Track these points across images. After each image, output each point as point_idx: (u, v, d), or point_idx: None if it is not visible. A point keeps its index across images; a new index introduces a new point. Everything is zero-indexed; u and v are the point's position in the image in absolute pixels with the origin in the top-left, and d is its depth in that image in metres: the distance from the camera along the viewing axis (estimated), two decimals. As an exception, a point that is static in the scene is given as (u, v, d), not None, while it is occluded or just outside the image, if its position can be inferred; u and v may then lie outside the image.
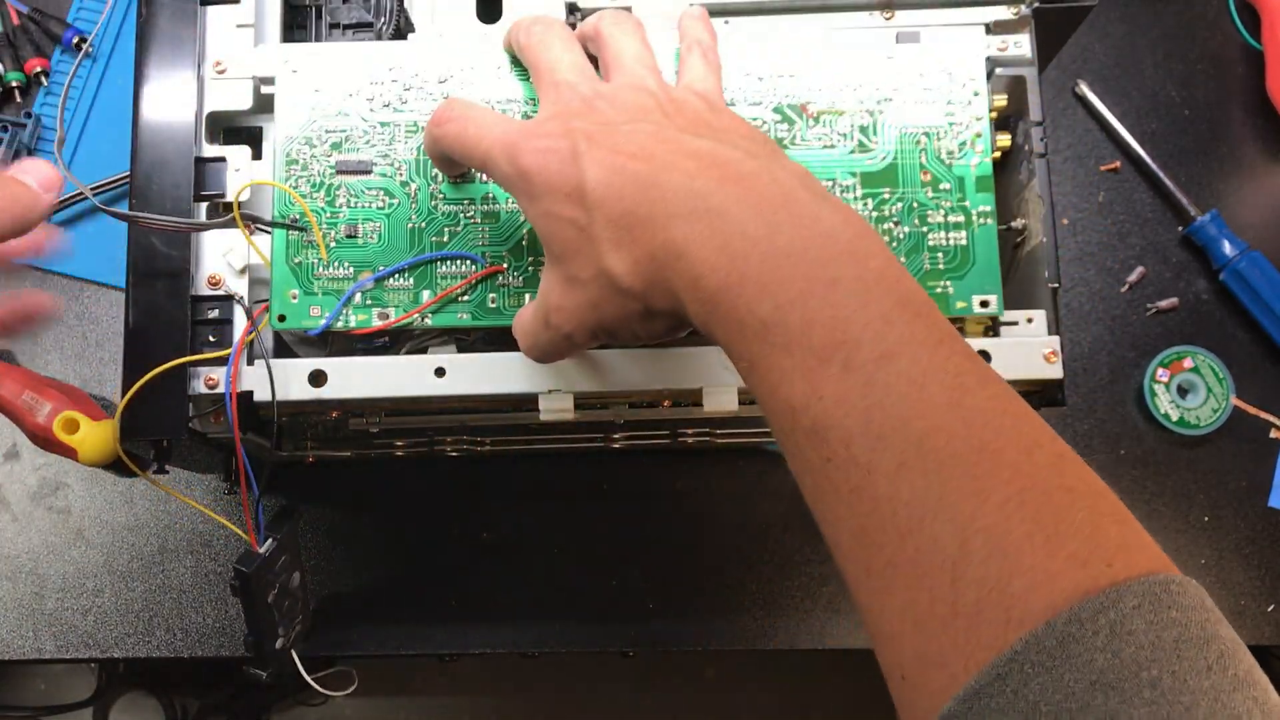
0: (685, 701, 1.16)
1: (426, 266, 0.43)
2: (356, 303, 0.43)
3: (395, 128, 0.44)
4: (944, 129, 0.44)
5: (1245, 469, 0.60)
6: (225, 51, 0.45)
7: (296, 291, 0.43)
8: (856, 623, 0.59)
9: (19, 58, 0.64)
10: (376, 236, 0.43)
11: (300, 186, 0.44)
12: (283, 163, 0.44)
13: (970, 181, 0.44)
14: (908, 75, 0.45)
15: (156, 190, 0.44)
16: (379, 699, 1.17)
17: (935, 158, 0.44)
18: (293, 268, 0.43)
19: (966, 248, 0.44)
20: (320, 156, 0.44)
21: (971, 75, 0.45)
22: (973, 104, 0.44)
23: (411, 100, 0.44)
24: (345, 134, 0.44)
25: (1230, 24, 0.66)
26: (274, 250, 0.43)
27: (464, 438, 0.56)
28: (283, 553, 0.48)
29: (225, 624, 0.58)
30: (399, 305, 0.43)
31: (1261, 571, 0.59)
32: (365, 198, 0.44)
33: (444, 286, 0.43)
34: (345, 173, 0.44)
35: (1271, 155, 0.64)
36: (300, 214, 0.43)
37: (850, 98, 0.44)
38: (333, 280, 0.43)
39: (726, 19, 0.47)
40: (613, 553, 0.59)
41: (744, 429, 0.57)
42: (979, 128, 0.44)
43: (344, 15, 0.49)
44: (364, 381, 0.43)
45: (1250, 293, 0.61)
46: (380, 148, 0.44)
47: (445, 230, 0.43)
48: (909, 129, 0.44)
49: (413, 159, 0.44)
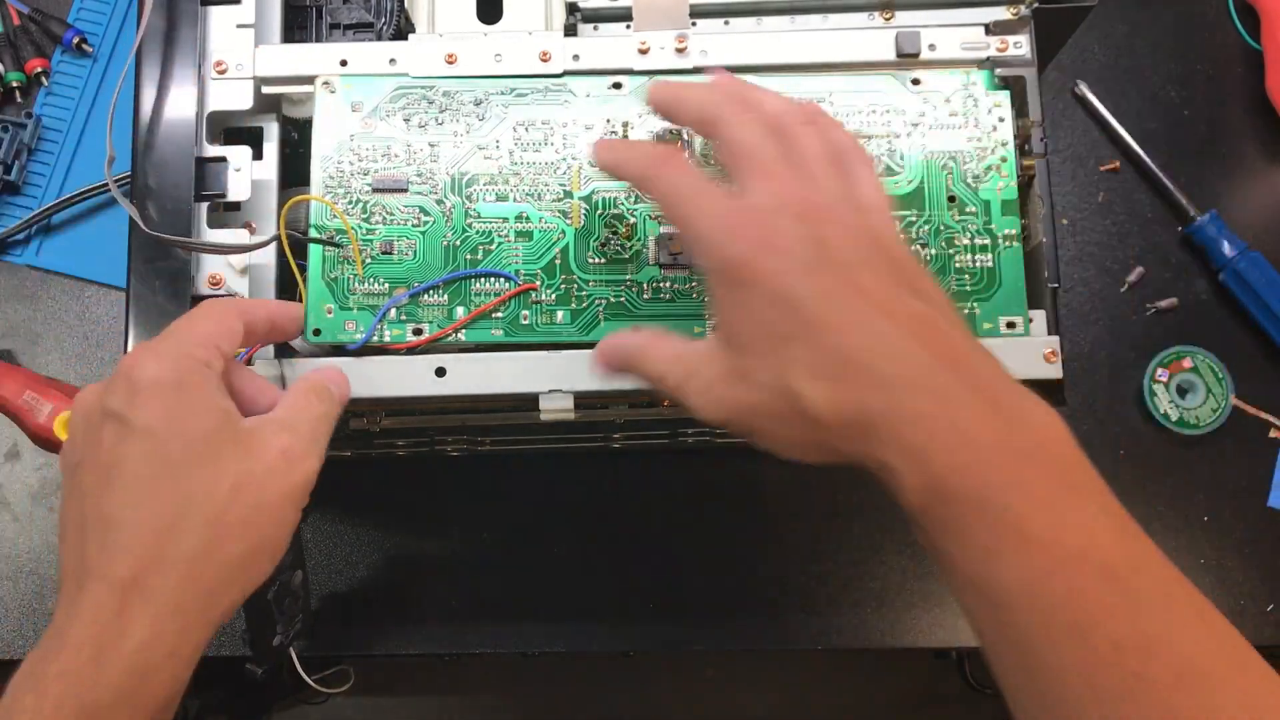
0: (685, 701, 1.16)
1: (461, 283, 0.44)
2: (391, 318, 0.43)
3: (431, 146, 0.45)
4: (969, 154, 0.45)
5: (1245, 469, 0.61)
6: (226, 51, 0.45)
7: (332, 306, 0.43)
8: (856, 623, 0.59)
9: (19, 58, 0.64)
10: (411, 253, 0.44)
11: (339, 203, 0.44)
12: (321, 179, 0.44)
13: (996, 205, 0.44)
14: (933, 100, 0.45)
15: (157, 190, 0.44)
16: (379, 699, 1.17)
17: (961, 181, 0.45)
18: (328, 282, 0.44)
19: (993, 270, 0.44)
20: (357, 174, 0.44)
21: (996, 101, 0.45)
22: (998, 130, 0.45)
23: (448, 121, 0.45)
24: (382, 151, 0.44)
25: (1230, 24, 0.66)
26: (310, 265, 0.44)
27: (464, 438, 0.56)
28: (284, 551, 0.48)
29: (225, 624, 0.58)
30: (433, 321, 0.43)
31: (1261, 571, 0.59)
32: (400, 215, 0.44)
33: (478, 303, 0.43)
34: (381, 190, 0.44)
35: (1271, 155, 0.64)
36: (339, 229, 0.44)
37: (876, 122, 0.45)
38: (367, 296, 0.43)
39: (726, 19, 0.47)
40: (613, 553, 0.59)
41: (744, 429, 0.57)
42: (1004, 152, 0.45)
43: (344, 15, 0.49)
44: (364, 381, 0.43)
45: (1250, 293, 0.61)
46: (416, 166, 0.44)
47: (479, 248, 0.44)
48: (934, 154, 0.45)
49: (448, 177, 0.44)
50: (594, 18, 0.48)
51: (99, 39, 0.65)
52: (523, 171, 0.45)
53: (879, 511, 0.60)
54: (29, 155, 0.63)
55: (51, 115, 0.64)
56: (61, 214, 0.62)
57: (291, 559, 0.50)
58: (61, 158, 0.63)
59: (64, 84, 0.64)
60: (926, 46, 0.46)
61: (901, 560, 0.59)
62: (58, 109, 0.64)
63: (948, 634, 0.59)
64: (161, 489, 0.34)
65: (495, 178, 0.45)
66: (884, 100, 0.45)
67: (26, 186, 0.63)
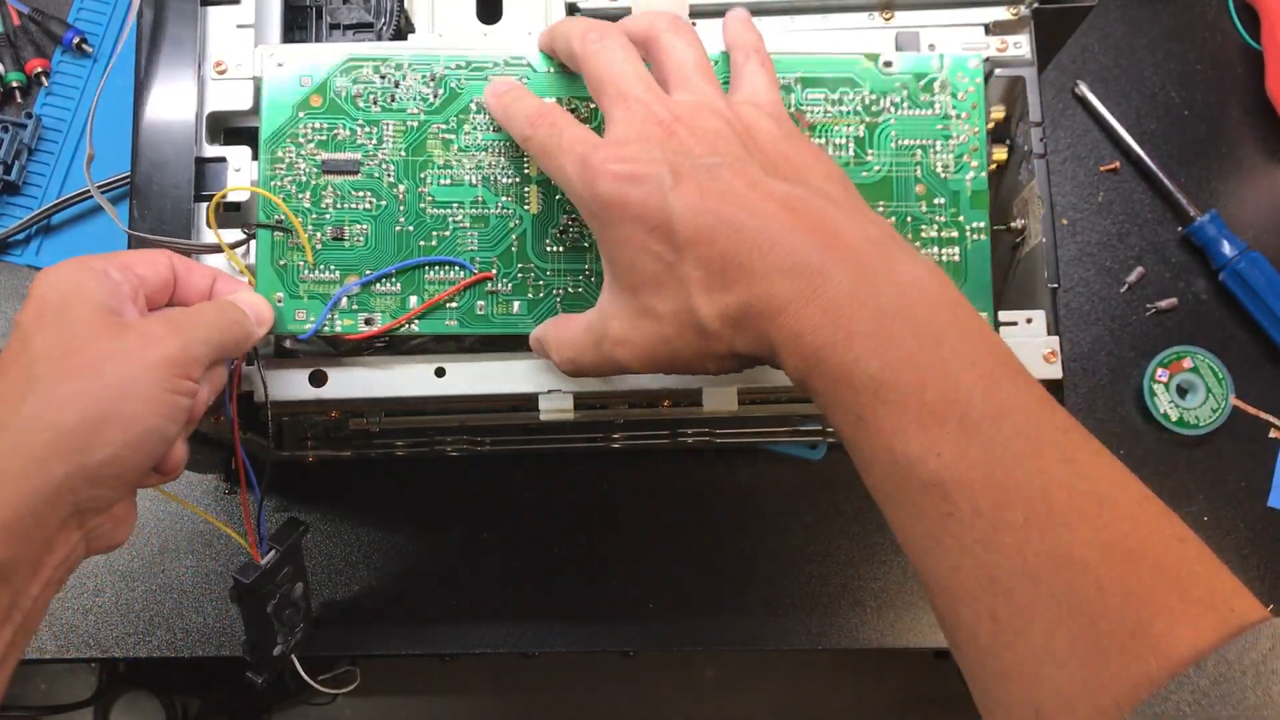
0: (685, 701, 1.16)
1: (414, 271, 0.43)
2: (343, 307, 0.43)
3: (383, 126, 0.43)
4: (940, 142, 0.44)
5: (1245, 469, 0.60)
6: (225, 51, 0.45)
7: (282, 295, 0.42)
8: (856, 623, 0.59)
9: (19, 58, 0.64)
10: (363, 239, 0.43)
11: (286, 185, 0.43)
12: (267, 160, 0.43)
13: (965, 197, 0.44)
14: (905, 85, 0.44)
15: (157, 190, 0.44)
16: (379, 699, 1.17)
17: (930, 171, 0.44)
18: (278, 270, 0.43)
19: (959, 264, 0.44)
20: (307, 155, 0.43)
21: (969, 88, 0.44)
22: (970, 117, 0.44)
23: (400, 98, 0.43)
24: (332, 131, 0.43)
25: (1230, 24, 0.66)
26: (259, 252, 0.43)
27: (464, 438, 0.56)
28: (285, 563, 0.48)
29: (225, 624, 0.58)
30: (385, 310, 0.43)
31: (1261, 571, 0.59)
32: (352, 199, 0.43)
33: (432, 292, 0.43)
34: (331, 172, 0.43)
35: (1271, 155, 0.64)
36: (285, 216, 0.43)
37: (846, 104, 0.44)
38: (318, 284, 0.43)
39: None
40: (612, 553, 0.59)
41: (744, 429, 0.57)
42: (974, 140, 0.44)
43: (344, 15, 0.49)
44: (364, 381, 0.43)
45: (1250, 293, 0.61)
46: (368, 147, 0.43)
47: (433, 234, 0.43)
48: (905, 142, 0.44)
49: (401, 159, 0.43)
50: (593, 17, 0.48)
51: (99, 39, 0.65)
52: (478, 153, 0.43)
53: (879, 512, 0.60)
54: (29, 155, 0.63)
55: (51, 115, 0.64)
56: (61, 214, 0.62)
57: (293, 571, 0.49)
58: (61, 158, 0.63)
59: (64, 84, 0.64)
60: (926, 46, 0.46)
61: (901, 560, 0.59)
62: (58, 109, 0.64)
63: (948, 634, 0.59)
64: (13, 373, 0.35)
65: (450, 159, 0.43)
66: (854, 83, 0.44)
67: (26, 186, 0.63)
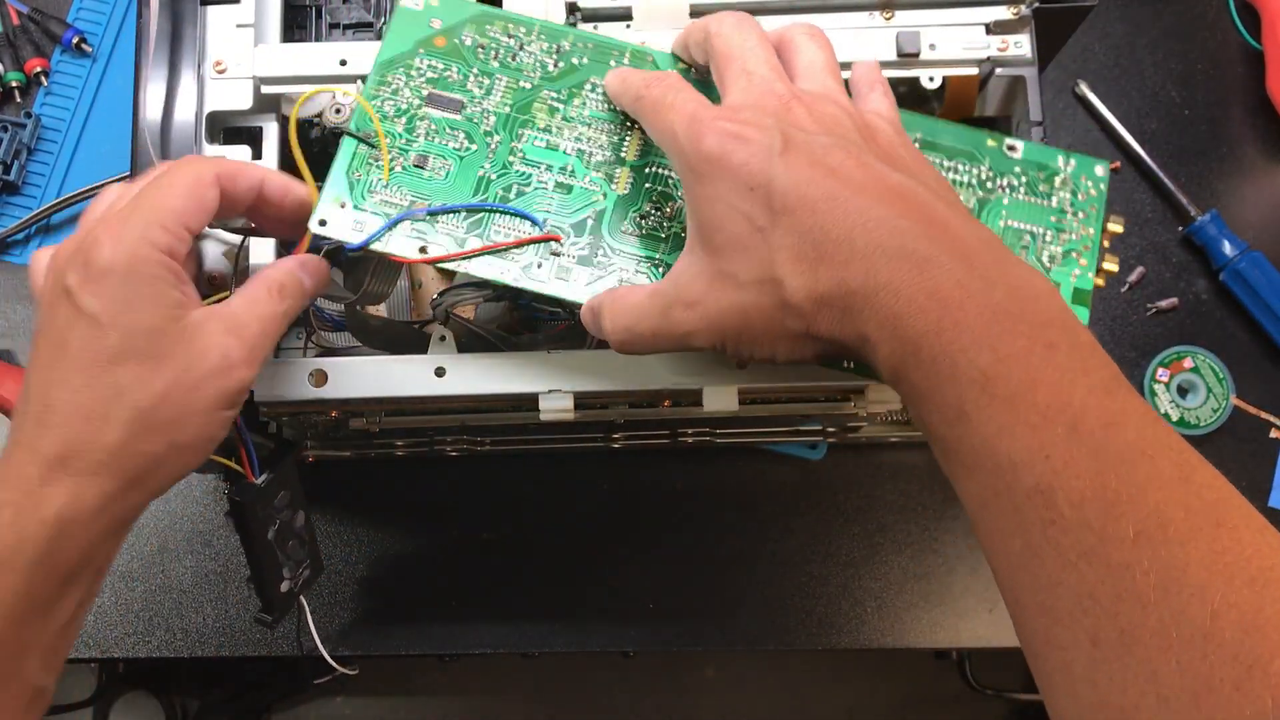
0: (685, 701, 1.16)
1: (484, 215, 0.42)
2: (405, 231, 0.41)
3: (497, 80, 0.43)
4: (1052, 233, 0.43)
5: (1245, 469, 0.60)
6: (225, 51, 0.45)
7: (347, 201, 0.41)
8: (856, 623, 0.59)
9: (19, 58, 0.64)
10: (444, 173, 0.42)
11: (384, 107, 0.42)
12: (376, 80, 0.43)
13: (1068, 290, 0.42)
14: (1026, 171, 0.43)
15: (157, 190, 0.44)
16: (379, 699, 1.17)
17: (1036, 258, 0.43)
18: (351, 180, 0.42)
19: None
20: (414, 87, 0.43)
21: (1091, 191, 0.43)
22: (1086, 218, 0.43)
23: (521, 60, 0.43)
24: (445, 72, 0.43)
25: (1230, 24, 0.66)
26: (337, 159, 0.42)
27: (464, 438, 0.56)
28: (280, 488, 0.46)
29: (225, 624, 0.58)
30: (443, 246, 0.41)
31: (1261, 571, 0.59)
32: (445, 135, 0.42)
33: (496, 241, 0.42)
34: (435, 105, 0.43)
35: (1271, 155, 0.64)
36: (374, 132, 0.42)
37: (961, 178, 0.43)
38: (386, 203, 0.42)
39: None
40: (612, 553, 0.59)
41: (744, 429, 0.57)
42: (1088, 243, 0.43)
43: (344, 15, 0.49)
44: (364, 381, 0.43)
45: (1250, 293, 0.61)
46: (476, 94, 0.43)
47: (514, 187, 0.42)
48: (1014, 224, 0.43)
49: (505, 113, 0.43)
50: (594, 17, 0.48)
51: (98, 39, 0.65)
52: (581, 126, 0.43)
53: (879, 511, 0.60)
54: (28, 155, 0.63)
55: (51, 115, 0.64)
56: (61, 214, 0.62)
57: (290, 499, 0.47)
58: (61, 158, 0.63)
59: (63, 84, 0.64)
60: (927, 46, 0.46)
61: (901, 560, 0.59)
62: (57, 109, 0.64)
63: (948, 634, 0.59)
64: (96, 378, 0.35)
65: (551, 124, 0.43)
66: (974, 157, 0.43)
67: (26, 186, 0.63)
